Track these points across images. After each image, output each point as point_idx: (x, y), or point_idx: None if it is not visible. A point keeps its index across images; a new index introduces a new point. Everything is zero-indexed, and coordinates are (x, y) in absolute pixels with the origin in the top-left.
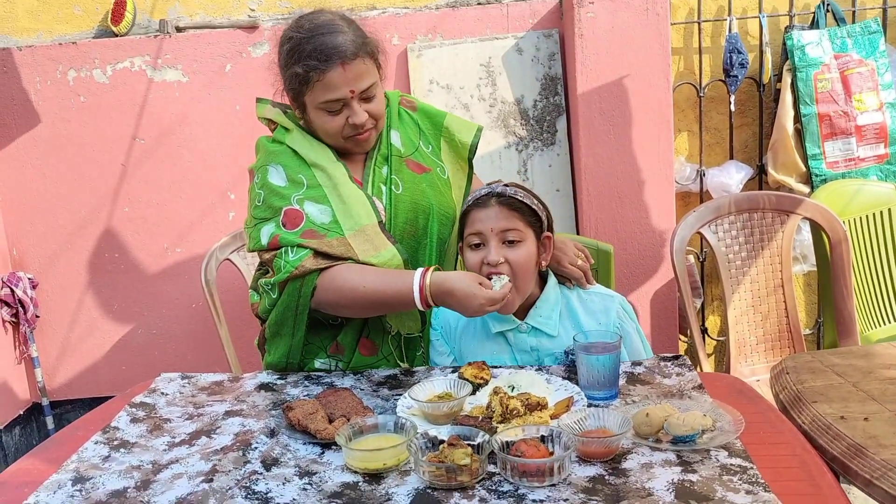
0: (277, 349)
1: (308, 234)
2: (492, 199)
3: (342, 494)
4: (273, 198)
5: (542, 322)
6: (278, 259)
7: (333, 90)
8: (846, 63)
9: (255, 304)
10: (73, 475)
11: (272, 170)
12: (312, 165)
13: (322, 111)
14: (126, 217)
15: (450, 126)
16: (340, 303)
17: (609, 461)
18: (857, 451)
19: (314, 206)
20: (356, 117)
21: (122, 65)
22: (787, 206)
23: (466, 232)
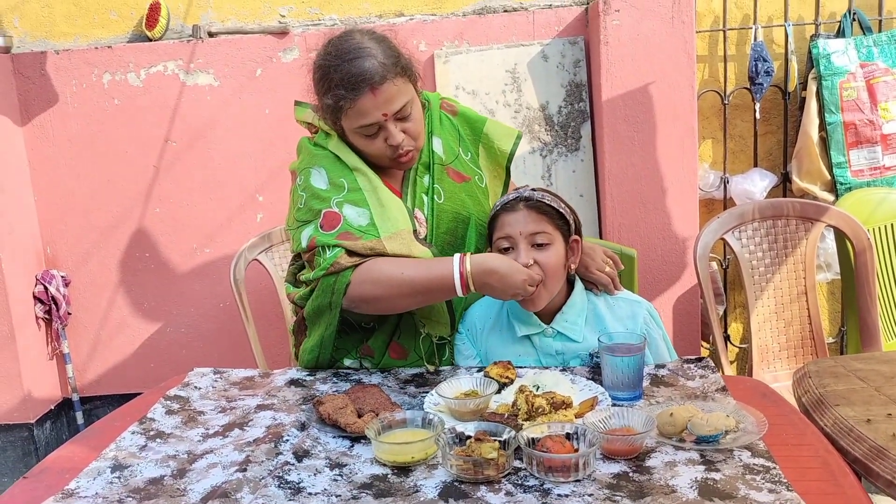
0: (315, 334)
1: (344, 237)
2: (520, 204)
3: (372, 486)
4: (313, 200)
5: (567, 327)
6: (317, 258)
7: (365, 116)
8: (872, 72)
9: (290, 293)
10: (111, 463)
11: (315, 172)
12: (354, 169)
13: (359, 135)
14: (157, 217)
15: (489, 133)
16: (377, 294)
17: (633, 459)
18: (879, 453)
19: (352, 209)
20: (393, 138)
21: (155, 69)
22: (812, 213)
23: (496, 236)
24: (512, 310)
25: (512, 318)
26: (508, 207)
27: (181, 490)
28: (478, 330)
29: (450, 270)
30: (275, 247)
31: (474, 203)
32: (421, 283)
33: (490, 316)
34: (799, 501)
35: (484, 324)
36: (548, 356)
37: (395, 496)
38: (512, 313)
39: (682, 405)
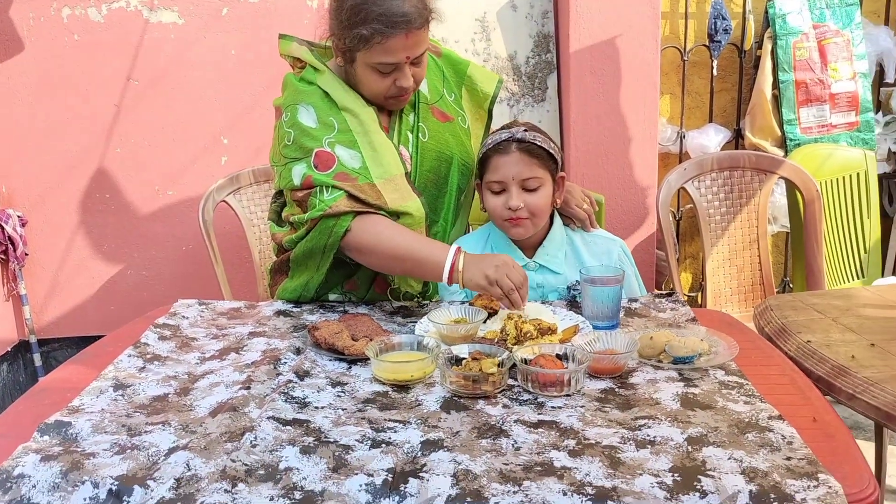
0: (299, 277)
1: (340, 177)
2: (513, 146)
3: (375, 400)
4: (304, 138)
5: (548, 260)
6: (312, 198)
7: (392, 55)
8: (824, 33)
9: (276, 234)
10: (112, 382)
11: (302, 109)
12: (343, 109)
13: (373, 70)
14: (118, 158)
15: (472, 75)
16: (372, 248)
17: (617, 377)
18: (841, 371)
19: (345, 151)
20: (405, 80)
21: (117, 4)
22: (766, 165)
23: (488, 178)
24: (496, 244)
25: (496, 251)
26: (501, 149)
27: (188, 406)
28: None
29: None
30: (243, 189)
31: (457, 143)
32: (415, 254)
33: (475, 250)
34: (772, 411)
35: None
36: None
37: (399, 408)
38: (496, 247)
39: (660, 331)
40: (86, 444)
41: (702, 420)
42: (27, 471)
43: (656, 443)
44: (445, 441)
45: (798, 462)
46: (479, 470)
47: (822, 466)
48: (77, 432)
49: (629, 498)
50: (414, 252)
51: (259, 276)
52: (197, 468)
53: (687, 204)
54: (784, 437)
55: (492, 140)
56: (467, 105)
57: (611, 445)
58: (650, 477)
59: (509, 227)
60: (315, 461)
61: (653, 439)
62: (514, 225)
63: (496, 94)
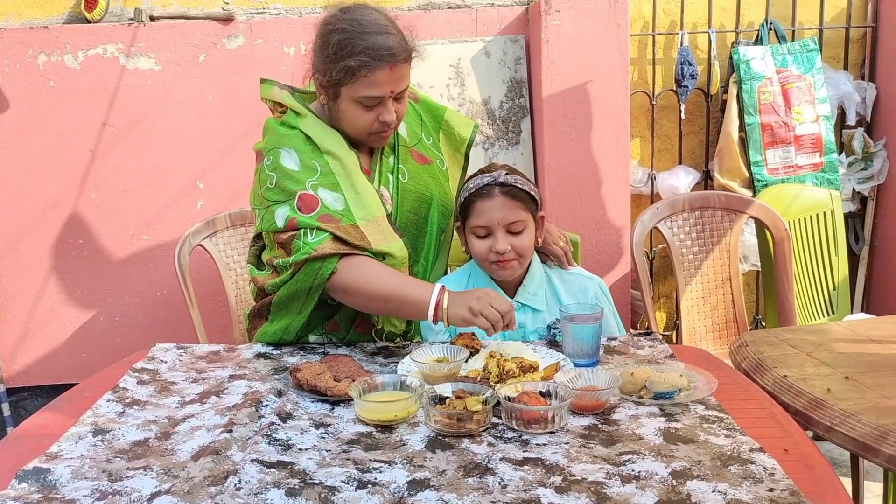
0: (280, 321)
1: (325, 219)
2: (496, 189)
3: (359, 441)
4: (287, 181)
5: (529, 298)
6: (296, 241)
7: (377, 88)
8: (787, 77)
9: (257, 277)
10: (91, 428)
11: (285, 153)
12: (326, 153)
13: (357, 105)
14: (92, 203)
15: (449, 120)
16: (357, 289)
17: (600, 414)
18: (818, 404)
19: (328, 193)
20: (388, 115)
21: (94, 51)
22: (736, 205)
23: (473, 223)
24: (478, 284)
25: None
26: (485, 194)
27: (169, 450)
28: None
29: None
30: (219, 232)
31: (436, 185)
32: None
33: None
34: (753, 443)
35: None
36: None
37: (384, 448)
38: (478, 287)
39: (640, 367)
40: (66, 491)
41: (685, 454)
42: None
43: (641, 477)
44: (432, 480)
45: (781, 493)
46: None
47: (804, 497)
48: (56, 479)
49: None
50: (399, 292)
51: (235, 320)
52: None
53: (660, 244)
54: (766, 468)
55: (473, 184)
56: (444, 149)
57: (597, 481)
58: None
59: (496, 270)
60: (301, 503)
61: (638, 474)
62: (501, 267)
63: (472, 138)
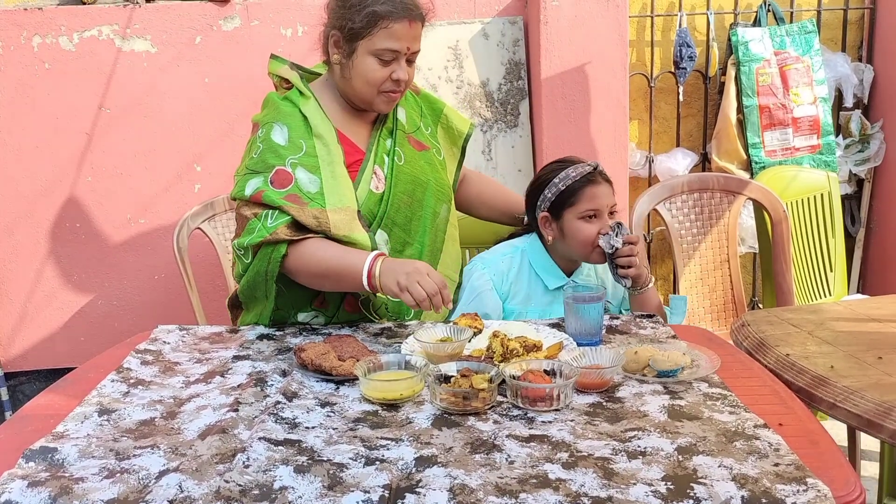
0: (254, 308)
1: (291, 198)
2: (599, 177)
3: (365, 419)
4: (269, 154)
5: (585, 279)
6: (255, 221)
7: (396, 41)
8: (785, 59)
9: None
10: (96, 408)
11: (277, 128)
12: (316, 136)
13: (374, 58)
14: (89, 187)
15: (448, 114)
16: (302, 269)
17: (604, 392)
18: (821, 381)
19: (305, 174)
20: (401, 73)
21: (89, 33)
22: (734, 187)
23: (583, 207)
24: (538, 265)
25: (539, 271)
26: (592, 180)
27: (176, 429)
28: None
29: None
30: (218, 216)
31: (432, 170)
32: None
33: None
34: (757, 420)
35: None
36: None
37: (391, 426)
38: (539, 269)
39: (643, 346)
40: (73, 470)
41: (690, 430)
42: (14, 497)
43: (647, 453)
44: (439, 457)
45: (786, 468)
46: (474, 484)
47: (809, 471)
48: (63, 458)
49: None
50: (335, 265)
51: None
52: (190, 490)
53: (657, 227)
54: (771, 444)
55: (576, 172)
56: (442, 141)
57: (603, 457)
58: (644, 486)
59: (598, 256)
60: (310, 480)
61: (643, 450)
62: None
63: (470, 133)
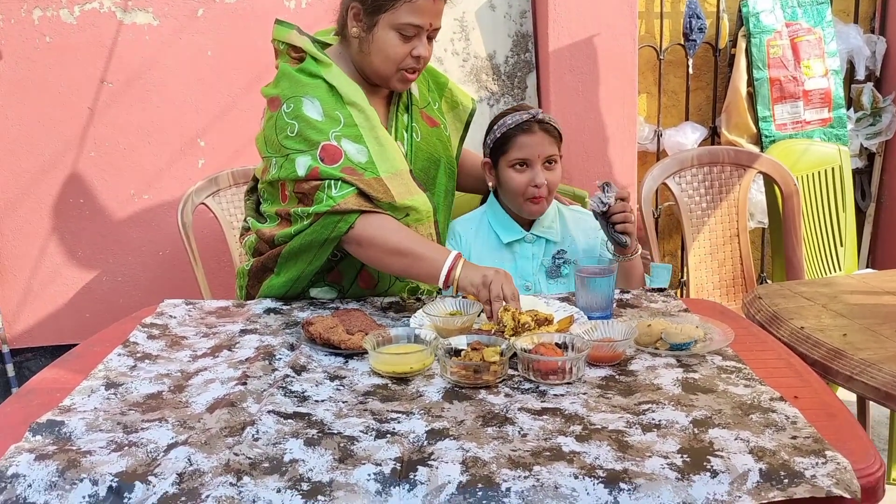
0: (288, 272)
1: (348, 171)
2: (535, 126)
3: (375, 393)
4: (309, 130)
5: (544, 231)
6: (320, 192)
7: (419, 15)
8: (796, 31)
9: (261, 229)
10: (103, 381)
11: (307, 102)
12: (349, 104)
13: (395, 33)
14: (92, 162)
15: (452, 89)
16: (373, 241)
17: (616, 365)
18: (837, 354)
19: (351, 145)
20: (423, 50)
21: (90, 6)
22: (745, 160)
23: (513, 156)
24: (494, 219)
25: (495, 226)
26: (526, 129)
27: (184, 402)
28: (462, 240)
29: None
30: (222, 191)
31: (443, 147)
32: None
33: (472, 227)
34: (773, 393)
35: (467, 233)
36: (523, 259)
37: (401, 400)
38: (494, 222)
39: (655, 319)
40: (81, 443)
41: (705, 403)
42: (21, 470)
43: (662, 426)
44: (451, 430)
45: (804, 441)
46: (487, 457)
47: (827, 444)
48: (71, 431)
49: (641, 479)
50: (415, 248)
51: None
52: (199, 463)
53: (665, 202)
54: (788, 417)
55: (512, 120)
56: (447, 116)
57: (617, 430)
58: (660, 459)
59: (531, 206)
60: (320, 453)
61: (658, 423)
62: (535, 203)
63: (473, 110)
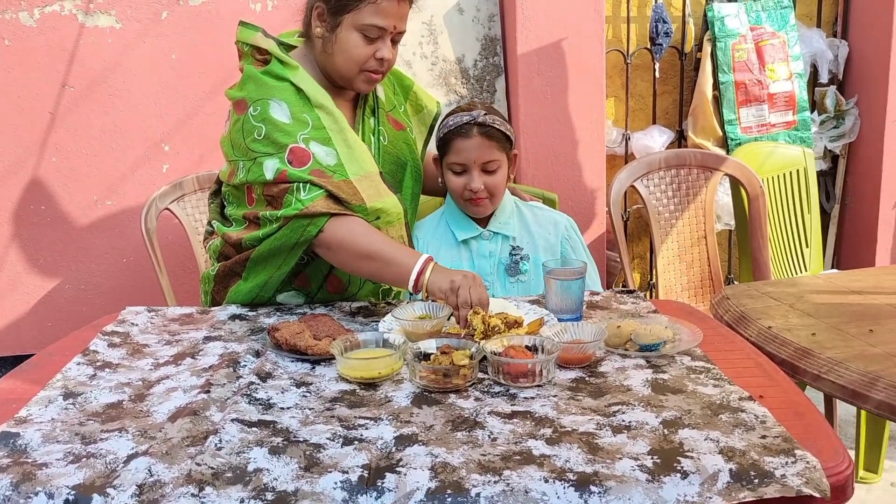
0: (256, 277)
1: (316, 174)
2: (474, 129)
3: (342, 399)
4: (276, 133)
5: (501, 227)
6: (289, 195)
7: (383, 17)
8: (760, 35)
9: (228, 233)
10: (61, 391)
11: (274, 105)
12: (317, 107)
13: (359, 34)
14: (53, 168)
15: (417, 92)
16: (342, 245)
17: (586, 367)
18: (805, 353)
19: (320, 147)
20: (386, 52)
21: (50, 8)
22: (711, 163)
23: (450, 159)
24: (450, 217)
25: (451, 224)
26: (463, 133)
27: (145, 412)
28: (420, 241)
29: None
30: (187, 196)
31: (409, 150)
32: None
33: (430, 226)
34: (742, 392)
35: (425, 234)
36: (481, 257)
37: (369, 406)
38: (451, 220)
39: (625, 320)
40: (36, 455)
41: (674, 404)
42: None
43: (632, 427)
44: (420, 435)
45: (773, 440)
46: (457, 462)
47: (797, 443)
48: (26, 443)
49: (611, 482)
50: (385, 252)
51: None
52: (160, 473)
53: (633, 205)
54: (757, 416)
55: (453, 122)
56: (412, 119)
57: (587, 432)
58: (630, 461)
59: (470, 206)
60: (285, 461)
61: (628, 424)
62: (474, 204)
63: (438, 112)
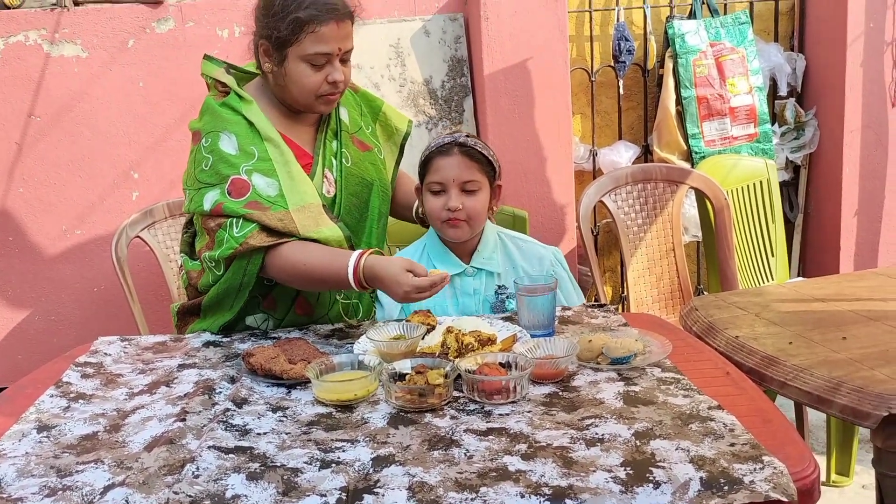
0: (213, 317)
1: (252, 205)
2: (454, 149)
3: (319, 422)
4: (221, 164)
5: (484, 262)
6: (222, 231)
7: (325, 43)
8: (720, 50)
9: (191, 271)
10: (35, 425)
11: (224, 137)
12: (266, 139)
13: (305, 64)
14: (21, 198)
15: (386, 112)
16: (286, 279)
17: (559, 382)
18: (771, 361)
19: (262, 178)
20: (336, 74)
21: (15, 38)
22: (677, 176)
23: (429, 178)
24: (432, 252)
25: (433, 258)
26: (443, 151)
27: (120, 442)
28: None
29: (345, 266)
30: (157, 223)
31: (376, 171)
32: (321, 273)
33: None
34: (710, 401)
35: None
36: (465, 295)
37: (346, 428)
38: (432, 255)
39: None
40: (11, 490)
41: (646, 415)
42: None
43: (605, 440)
44: (397, 456)
45: (742, 447)
46: (434, 481)
47: (764, 449)
48: (0, 478)
49: (586, 495)
50: (323, 266)
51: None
52: (137, 503)
53: (603, 219)
54: (725, 425)
55: (435, 143)
56: (381, 139)
57: (562, 446)
58: (604, 473)
59: (447, 229)
60: (263, 486)
61: (602, 437)
62: (451, 226)
63: (408, 131)
